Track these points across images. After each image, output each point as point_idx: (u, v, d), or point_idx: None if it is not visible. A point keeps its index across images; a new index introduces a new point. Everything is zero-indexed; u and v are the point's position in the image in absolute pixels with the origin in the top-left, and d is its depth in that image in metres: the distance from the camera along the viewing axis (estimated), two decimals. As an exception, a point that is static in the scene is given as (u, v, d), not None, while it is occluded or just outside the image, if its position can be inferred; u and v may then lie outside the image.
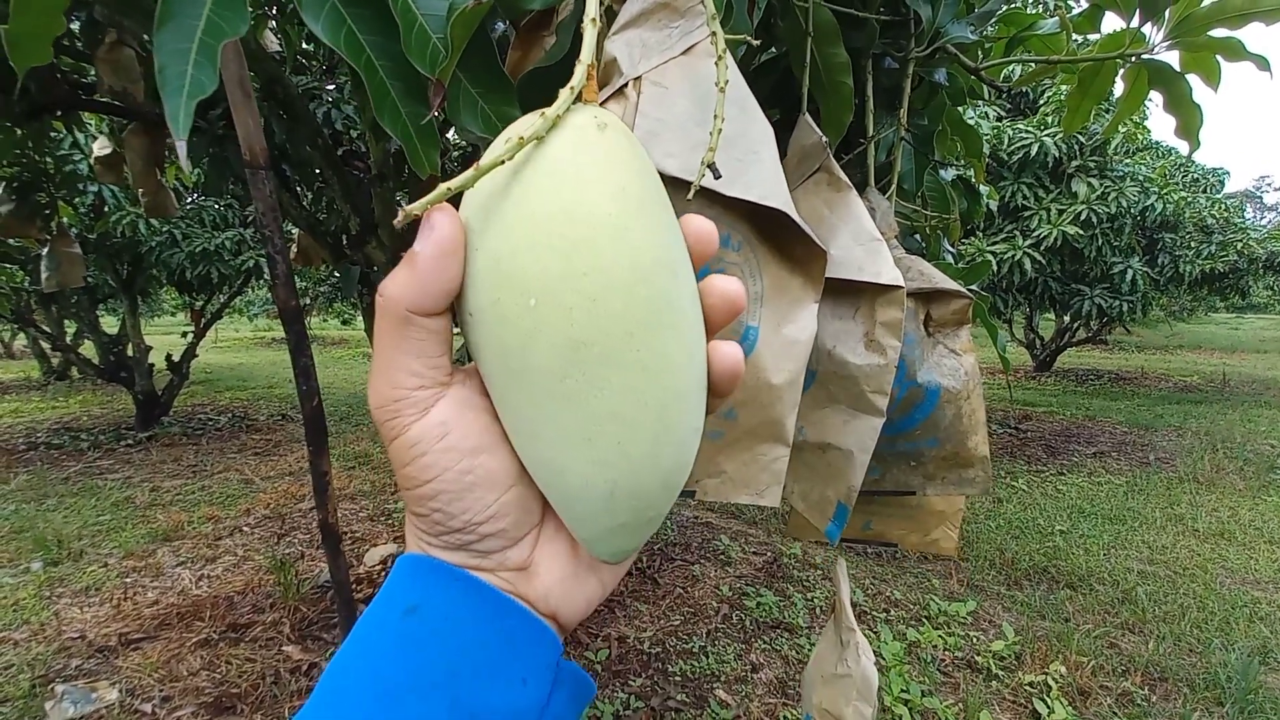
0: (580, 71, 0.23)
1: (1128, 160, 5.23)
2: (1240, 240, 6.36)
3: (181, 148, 0.26)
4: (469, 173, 0.21)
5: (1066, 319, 7.52)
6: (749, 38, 0.30)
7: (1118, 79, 0.71)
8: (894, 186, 0.54)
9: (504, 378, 0.22)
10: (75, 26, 1.71)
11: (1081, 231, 4.66)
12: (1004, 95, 4.97)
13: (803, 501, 0.44)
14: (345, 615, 1.17)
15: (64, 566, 2.76)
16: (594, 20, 0.24)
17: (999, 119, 5.15)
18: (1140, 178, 4.98)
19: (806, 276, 0.37)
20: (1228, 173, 8.25)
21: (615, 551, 0.25)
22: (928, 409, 0.46)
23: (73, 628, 2.28)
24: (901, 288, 0.42)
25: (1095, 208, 4.67)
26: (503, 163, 0.21)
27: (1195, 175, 7.74)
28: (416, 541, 0.25)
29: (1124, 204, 4.68)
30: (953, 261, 0.63)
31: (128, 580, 2.64)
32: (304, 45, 2.32)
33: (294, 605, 2.40)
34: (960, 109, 0.69)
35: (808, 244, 0.36)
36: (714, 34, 0.28)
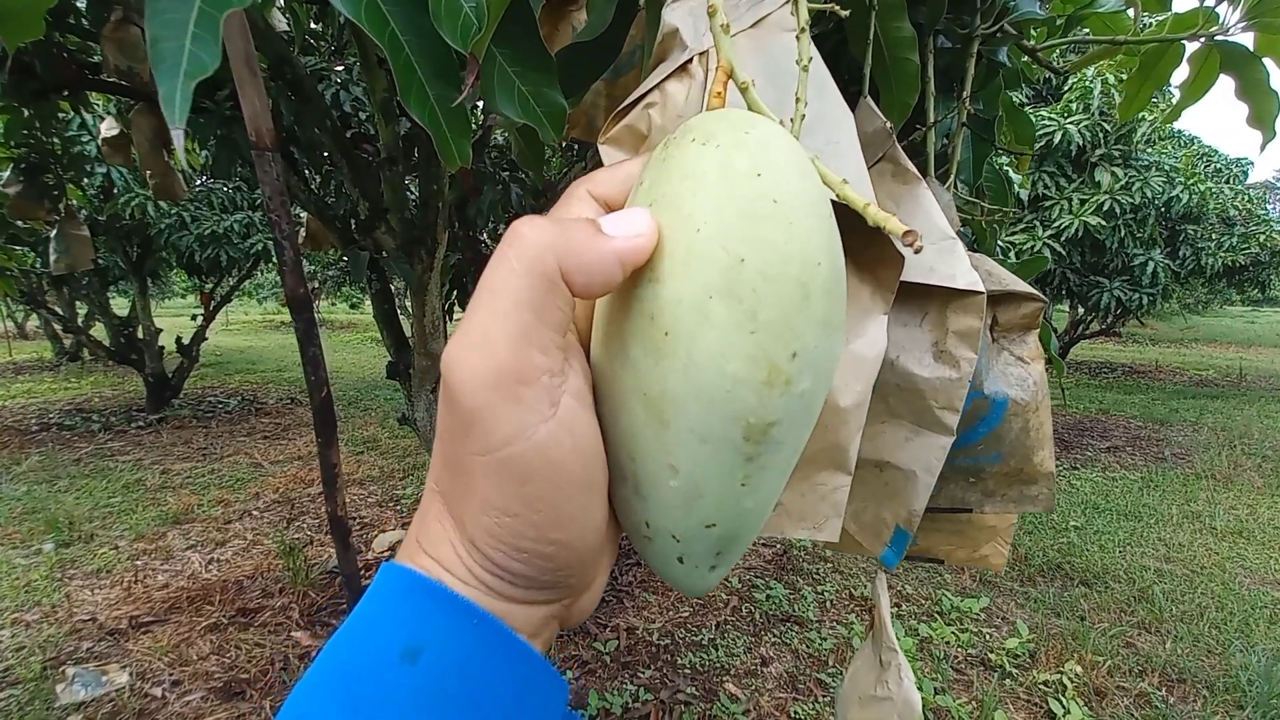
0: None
1: (1150, 149, 5.10)
2: (1263, 232, 6.22)
3: (178, 136, 0.23)
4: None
5: (1081, 311, 7.42)
6: (836, 7, 0.26)
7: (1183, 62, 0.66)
8: (953, 177, 0.50)
9: (693, 397, 0.18)
10: (82, 4, 1.68)
11: (1104, 222, 4.55)
12: (1060, 77, 4.84)
13: (854, 523, 0.41)
14: (354, 607, 1.14)
15: (75, 548, 2.77)
16: (724, 25, 0.23)
17: (1021, 105, 5.02)
18: (1165, 167, 4.86)
19: (877, 284, 0.33)
20: (1251, 163, 8.07)
21: (705, 589, 0.24)
22: (993, 422, 0.42)
23: (84, 610, 2.30)
24: (981, 293, 0.38)
25: (1118, 198, 4.56)
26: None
27: (1218, 166, 7.57)
28: (455, 557, 0.20)
29: (1149, 194, 4.57)
30: (1002, 257, 0.59)
31: (138, 563, 2.65)
32: (312, 25, 2.28)
33: (303, 590, 2.40)
34: (1012, 94, 0.65)
35: (882, 246, 0.32)
36: (795, 3, 0.24)
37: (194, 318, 5.49)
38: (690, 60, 0.31)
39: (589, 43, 0.37)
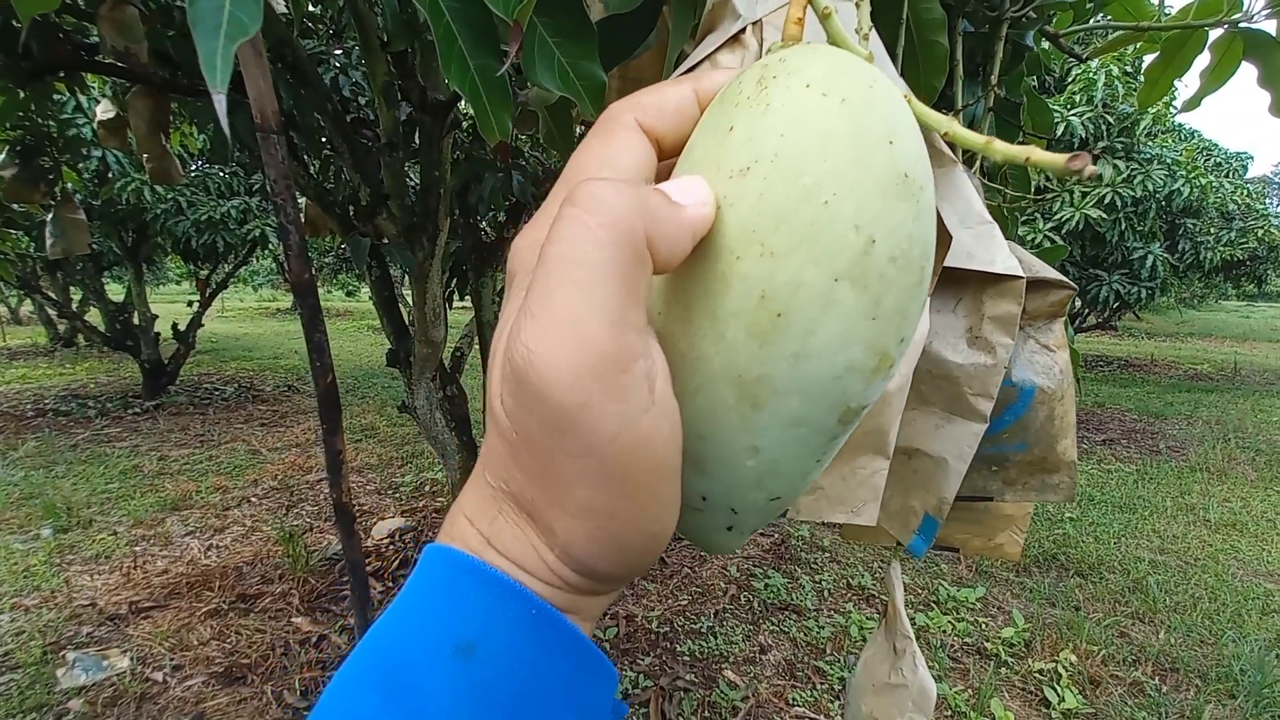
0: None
1: (1152, 142, 5.09)
2: (1261, 228, 6.23)
3: (220, 101, 0.21)
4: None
5: (1079, 304, 7.43)
6: None
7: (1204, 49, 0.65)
8: (979, 162, 0.50)
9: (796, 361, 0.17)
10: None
11: (1105, 215, 4.55)
12: (1067, 67, 4.80)
13: (881, 511, 0.40)
14: (359, 595, 1.15)
15: (73, 534, 2.77)
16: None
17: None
18: (1167, 161, 4.85)
19: None
20: (1251, 157, 8.06)
21: (733, 550, 0.23)
22: (1019, 410, 0.42)
23: (83, 595, 2.30)
24: (1021, 278, 0.37)
25: (1120, 190, 4.55)
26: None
27: (1218, 159, 7.57)
28: (539, 562, 0.18)
29: (1150, 187, 4.57)
30: (1019, 245, 0.59)
31: (137, 549, 2.65)
32: (311, 8, 2.25)
33: (302, 577, 2.41)
34: (1030, 80, 0.65)
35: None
36: None
37: (190, 304, 5.46)
38: (744, 30, 0.30)
39: (623, 17, 0.36)
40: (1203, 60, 0.66)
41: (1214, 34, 0.63)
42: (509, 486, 0.18)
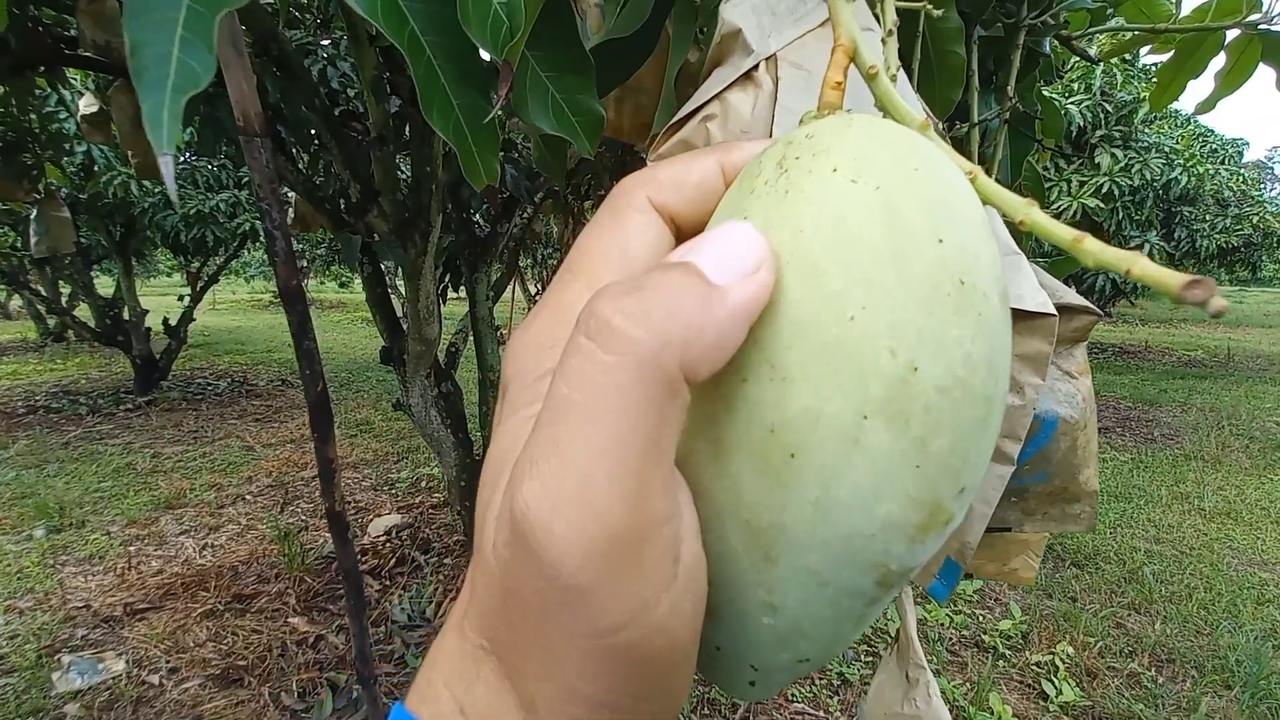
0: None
1: (1147, 130, 5.06)
2: (1256, 214, 6.23)
3: (165, 165, 0.18)
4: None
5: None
6: (928, 5, 0.23)
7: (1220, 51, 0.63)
8: (993, 176, 0.48)
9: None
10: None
11: (1102, 204, 4.54)
12: (1095, 64, 4.78)
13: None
14: (354, 604, 1.13)
15: (67, 534, 2.74)
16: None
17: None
18: (1165, 149, 4.83)
19: None
20: (1247, 143, 8.03)
21: (756, 699, 0.20)
22: (1041, 442, 0.40)
23: (77, 596, 2.28)
24: (1052, 316, 0.35)
25: (1118, 180, 4.54)
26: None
27: (1214, 146, 7.54)
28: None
29: (1148, 176, 4.55)
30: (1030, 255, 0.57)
31: (131, 549, 2.63)
32: (298, -3, 2.20)
33: (299, 576, 2.39)
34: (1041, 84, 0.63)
35: None
36: (881, 3, 0.21)
37: (181, 298, 5.40)
38: (756, 67, 0.27)
39: (622, 40, 0.33)
40: (1217, 62, 0.64)
41: (1230, 35, 0.61)
42: (492, 645, 0.16)
